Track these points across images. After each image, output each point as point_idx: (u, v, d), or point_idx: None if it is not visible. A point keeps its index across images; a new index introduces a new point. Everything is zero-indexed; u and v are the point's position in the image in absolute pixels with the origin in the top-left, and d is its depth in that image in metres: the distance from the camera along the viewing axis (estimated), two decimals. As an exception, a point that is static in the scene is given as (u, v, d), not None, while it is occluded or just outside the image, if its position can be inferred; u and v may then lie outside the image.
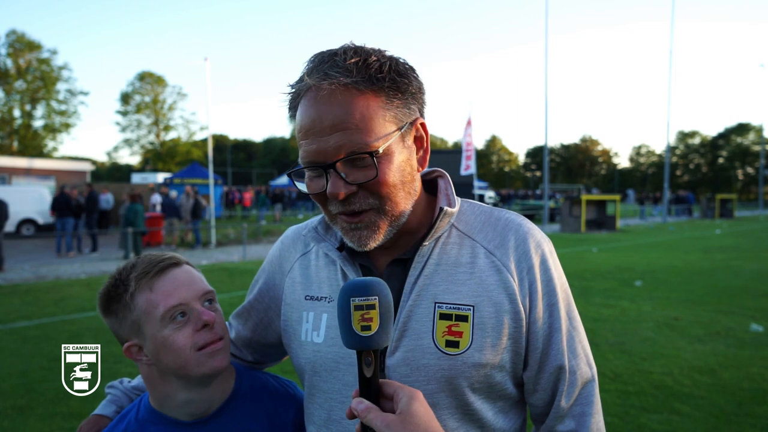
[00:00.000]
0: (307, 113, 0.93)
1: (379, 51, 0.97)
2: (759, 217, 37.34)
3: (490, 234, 1.05)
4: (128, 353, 1.13)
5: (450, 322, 0.98)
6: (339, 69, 0.91)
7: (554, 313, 1.02)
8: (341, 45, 0.97)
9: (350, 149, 0.91)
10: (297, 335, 1.11)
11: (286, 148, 79.82)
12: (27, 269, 12.01)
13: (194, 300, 1.11)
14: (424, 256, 1.02)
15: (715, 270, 11.54)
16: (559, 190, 54.40)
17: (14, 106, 46.98)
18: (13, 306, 8.04)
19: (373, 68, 0.92)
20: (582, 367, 1.04)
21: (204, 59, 17.82)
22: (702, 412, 4.18)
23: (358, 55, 0.93)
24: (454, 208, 1.04)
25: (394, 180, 0.95)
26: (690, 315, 7.36)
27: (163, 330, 1.08)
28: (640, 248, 16.19)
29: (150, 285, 1.10)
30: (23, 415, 4.15)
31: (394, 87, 0.93)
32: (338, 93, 0.90)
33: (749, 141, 77.96)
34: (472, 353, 0.97)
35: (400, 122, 0.95)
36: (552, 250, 1.08)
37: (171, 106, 60.70)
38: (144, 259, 1.14)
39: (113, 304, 1.12)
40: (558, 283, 1.05)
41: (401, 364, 0.99)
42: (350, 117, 0.90)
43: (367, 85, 0.91)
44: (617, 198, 25.90)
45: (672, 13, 32.04)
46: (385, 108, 0.93)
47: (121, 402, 1.25)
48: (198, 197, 17.39)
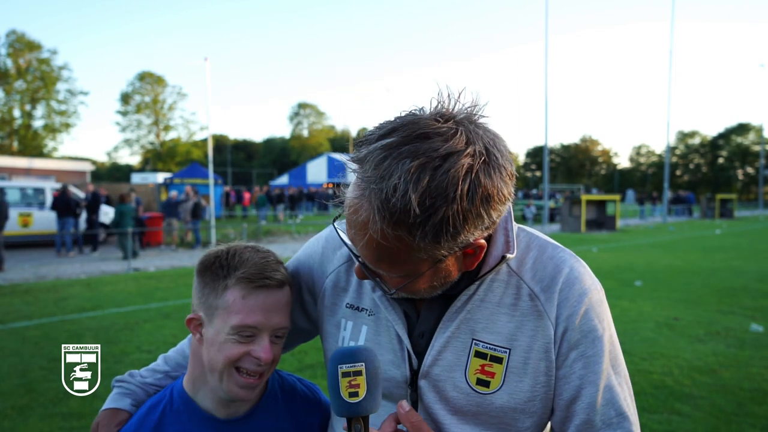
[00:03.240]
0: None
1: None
2: (759, 217, 37.36)
3: (539, 274, 1.00)
4: (189, 323, 1.15)
5: (484, 362, 0.98)
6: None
7: (591, 366, 0.96)
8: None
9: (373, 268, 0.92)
10: (333, 339, 1.14)
11: (286, 148, 79.81)
12: (27, 269, 12.01)
13: (268, 330, 1.11)
14: (471, 291, 1.00)
15: (715, 270, 11.54)
16: (558, 190, 54.42)
17: (14, 106, 47.06)
18: (13, 306, 8.03)
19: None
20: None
21: (204, 59, 17.85)
22: (702, 412, 4.17)
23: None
24: (513, 254, 0.96)
25: (412, 290, 0.94)
26: (690, 315, 7.36)
27: (225, 336, 1.09)
28: (640, 248, 16.20)
29: (245, 292, 1.09)
30: (23, 415, 4.15)
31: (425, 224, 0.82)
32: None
33: (749, 141, 77.92)
34: (502, 395, 0.97)
35: (436, 258, 0.88)
36: (602, 300, 1.01)
37: (171, 106, 60.82)
38: (258, 264, 1.12)
39: (209, 275, 1.13)
40: (603, 336, 0.98)
41: (431, 389, 1.00)
42: (379, 255, 0.88)
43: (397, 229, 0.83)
44: (617, 198, 25.91)
45: (672, 13, 32.07)
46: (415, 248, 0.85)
47: (137, 396, 1.24)
48: (198, 197, 17.40)
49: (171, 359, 1.30)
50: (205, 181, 21.72)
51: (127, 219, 13.51)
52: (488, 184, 0.81)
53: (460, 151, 0.80)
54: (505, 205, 0.87)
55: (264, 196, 27.93)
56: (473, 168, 0.80)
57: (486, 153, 0.82)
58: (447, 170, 0.78)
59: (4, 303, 8.25)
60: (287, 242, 17.51)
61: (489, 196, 0.82)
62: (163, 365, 1.29)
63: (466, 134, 0.82)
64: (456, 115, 0.85)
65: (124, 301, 8.29)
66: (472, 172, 0.80)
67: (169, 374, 1.28)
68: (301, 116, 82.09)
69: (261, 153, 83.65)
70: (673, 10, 32.11)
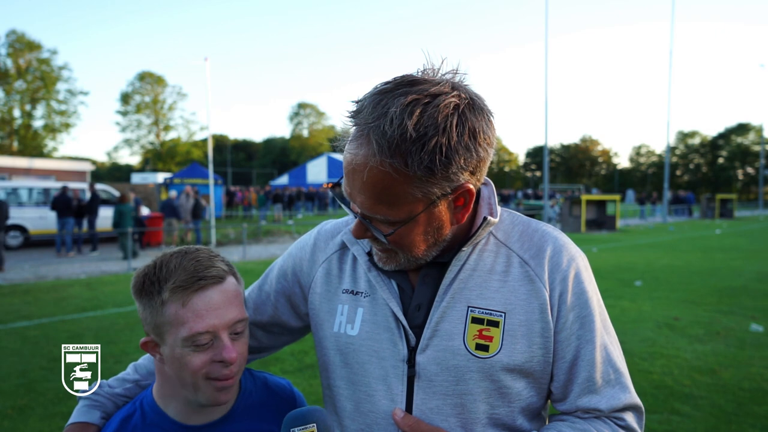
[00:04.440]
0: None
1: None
2: (759, 217, 37.34)
3: (527, 244, 1.06)
4: (145, 347, 1.11)
5: (481, 327, 1.01)
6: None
7: (586, 325, 1.02)
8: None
9: (370, 215, 0.96)
10: (329, 326, 1.14)
11: (286, 148, 79.80)
12: (27, 269, 12.01)
13: (223, 329, 1.06)
14: (461, 261, 1.04)
15: (715, 270, 11.54)
16: (558, 190, 54.40)
17: (14, 106, 47.01)
18: (13, 306, 8.03)
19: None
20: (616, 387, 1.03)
21: (204, 59, 17.85)
22: (702, 412, 4.17)
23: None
24: (496, 218, 1.04)
25: (408, 241, 0.98)
26: (690, 315, 7.36)
27: (183, 348, 1.05)
28: (640, 248, 16.19)
29: (183, 300, 1.04)
30: (23, 415, 4.15)
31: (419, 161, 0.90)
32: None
33: (749, 141, 77.93)
34: (501, 357, 1.00)
35: (430, 199, 0.93)
36: (587, 266, 1.08)
37: (171, 106, 60.77)
38: (187, 267, 1.07)
39: (144, 296, 1.08)
40: (593, 298, 1.05)
41: (431, 362, 1.02)
42: (374, 193, 0.92)
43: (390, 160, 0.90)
44: (617, 198, 25.89)
45: (672, 13, 32.04)
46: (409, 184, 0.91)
47: (106, 408, 1.20)
48: (198, 197, 17.39)
49: (141, 367, 1.27)
50: (205, 181, 21.72)
51: (126, 219, 13.52)
52: (474, 121, 0.90)
53: (447, 92, 0.89)
54: (491, 148, 0.94)
55: (264, 196, 27.91)
56: (460, 106, 0.89)
57: (470, 98, 0.91)
58: (437, 105, 0.87)
59: (4, 303, 8.25)
60: (287, 242, 17.52)
61: (475, 132, 0.90)
62: (133, 374, 1.26)
63: (451, 83, 0.91)
64: (438, 74, 0.94)
65: (124, 301, 8.29)
66: (459, 109, 0.88)
67: (139, 383, 1.25)
68: (301, 116, 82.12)
69: (261, 153, 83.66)
70: (673, 10, 32.12)
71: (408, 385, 1.03)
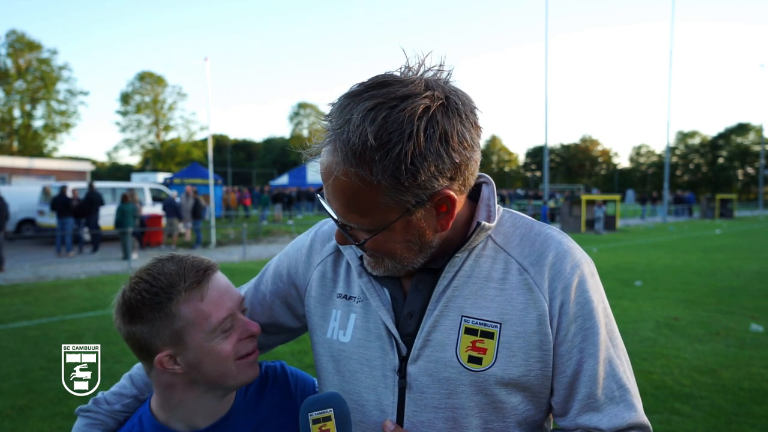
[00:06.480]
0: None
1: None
2: (759, 217, 37.35)
3: (527, 249, 0.99)
4: (161, 364, 1.07)
5: (474, 338, 0.95)
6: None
7: (589, 338, 0.95)
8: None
9: (345, 222, 0.93)
10: (322, 331, 1.12)
11: (286, 148, 79.78)
12: (27, 269, 12.01)
13: (237, 309, 1.11)
14: (456, 267, 0.98)
15: (715, 270, 11.54)
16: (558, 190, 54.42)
17: (14, 106, 47.06)
18: (13, 306, 8.03)
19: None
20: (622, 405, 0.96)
21: (204, 59, 17.84)
22: (702, 412, 4.17)
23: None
24: (493, 222, 0.98)
25: (387, 249, 0.94)
26: (690, 315, 7.36)
27: (212, 340, 1.06)
28: (640, 248, 16.19)
29: (201, 294, 1.06)
30: (23, 415, 4.15)
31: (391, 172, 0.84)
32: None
33: (749, 141, 77.88)
34: (495, 371, 0.94)
35: (404, 207, 0.88)
36: (593, 272, 1.01)
37: (171, 106, 60.80)
38: (187, 265, 1.08)
39: (149, 312, 1.04)
40: (598, 307, 0.97)
41: (422, 373, 0.98)
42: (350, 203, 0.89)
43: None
44: (617, 198, 25.89)
45: (672, 13, 32.06)
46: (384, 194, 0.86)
47: (107, 426, 1.18)
48: (198, 197, 17.39)
49: (137, 379, 1.23)
50: (205, 181, 21.70)
51: (128, 218, 13.52)
52: (446, 124, 0.83)
53: (418, 93, 0.82)
54: (471, 151, 0.87)
55: (266, 196, 27.91)
56: (430, 108, 0.82)
57: (445, 98, 0.84)
58: (403, 109, 0.81)
59: (4, 303, 8.25)
60: (287, 242, 17.49)
61: (448, 136, 0.83)
62: (131, 388, 1.22)
63: (426, 82, 0.85)
64: (419, 72, 0.88)
65: (124, 301, 8.29)
66: (429, 112, 0.82)
67: (137, 398, 1.22)
68: (301, 116, 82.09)
69: (261, 153, 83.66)
70: (673, 10, 32.14)
71: (399, 396, 0.99)
